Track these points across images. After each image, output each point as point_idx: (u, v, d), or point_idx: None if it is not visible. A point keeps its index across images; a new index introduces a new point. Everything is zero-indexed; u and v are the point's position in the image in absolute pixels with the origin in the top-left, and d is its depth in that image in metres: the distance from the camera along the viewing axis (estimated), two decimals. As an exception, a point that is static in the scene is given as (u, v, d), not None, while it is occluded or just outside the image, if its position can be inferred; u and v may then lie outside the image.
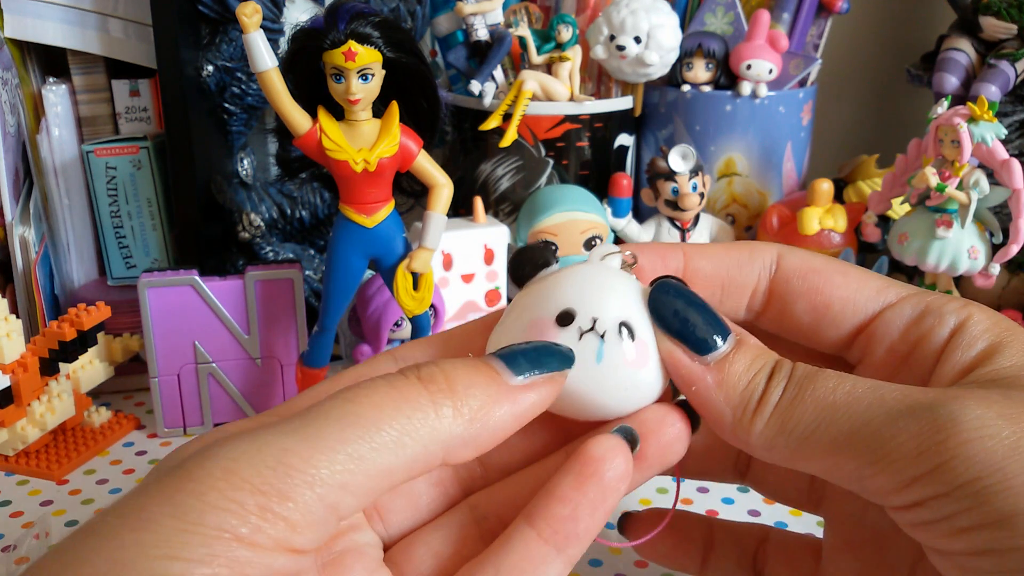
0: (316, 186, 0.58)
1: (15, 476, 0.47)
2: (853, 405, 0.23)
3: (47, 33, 0.54)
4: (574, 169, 0.64)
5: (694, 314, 0.25)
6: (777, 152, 0.67)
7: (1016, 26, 0.63)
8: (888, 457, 0.22)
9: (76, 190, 0.56)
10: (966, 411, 0.22)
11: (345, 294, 0.46)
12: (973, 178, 0.54)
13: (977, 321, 0.26)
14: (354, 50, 0.40)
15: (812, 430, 0.23)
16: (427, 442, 0.21)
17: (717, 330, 0.25)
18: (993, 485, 0.21)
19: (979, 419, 0.21)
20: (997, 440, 0.21)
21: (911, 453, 0.22)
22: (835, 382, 0.24)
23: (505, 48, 0.62)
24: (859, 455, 0.23)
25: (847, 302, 0.28)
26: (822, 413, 0.23)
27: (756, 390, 0.24)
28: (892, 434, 0.22)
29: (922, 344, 0.27)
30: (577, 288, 0.26)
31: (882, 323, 0.27)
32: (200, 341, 0.50)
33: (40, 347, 0.47)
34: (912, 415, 0.22)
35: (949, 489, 0.21)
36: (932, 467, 0.21)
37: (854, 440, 0.23)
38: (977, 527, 0.21)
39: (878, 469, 0.22)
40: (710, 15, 0.68)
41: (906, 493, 0.22)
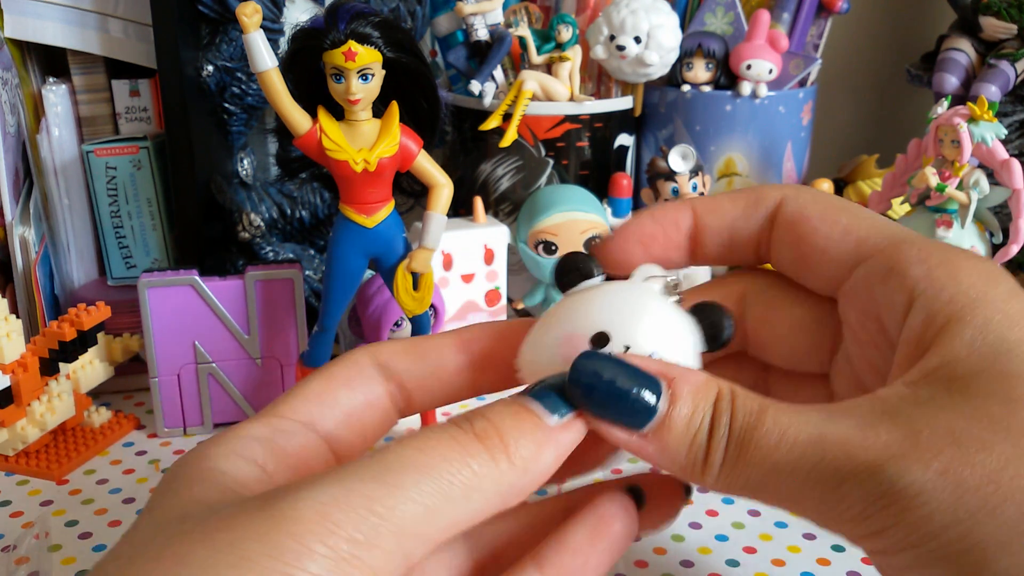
0: (316, 186, 0.58)
1: (15, 476, 0.47)
2: (798, 465, 0.23)
3: (47, 33, 0.54)
4: (574, 169, 0.64)
5: (616, 388, 0.24)
6: (777, 152, 0.67)
7: (1016, 26, 0.63)
8: (838, 518, 0.23)
9: (76, 190, 0.56)
10: (905, 476, 0.21)
11: (345, 294, 0.46)
12: (973, 178, 0.54)
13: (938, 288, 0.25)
14: (354, 50, 0.40)
15: (763, 486, 0.23)
16: (490, 494, 0.22)
17: (646, 394, 0.24)
18: (934, 551, 0.21)
19: (917, 484, 0.21)
20: (936, 504, 0.21)
21: (859, 516, 0.22)
22: (777, 436, 0.23)
23: (505, 48, 0.62)
24: (811, 510, 0.23)
25: (824, 255, 0.28)
26: (767, 473, 0.23)
27: (699, 450, 0.24)
28: (838, 499, 0.22)
29: (886, 310, 0.26)
30: (616, 310, 0.26)
31: (854, 281, 0.27)
32: (200, 341, 0.50)
33: (40, 347, 0.47)
34: (856, 480, 0.22)
35: (899, 549, 0.22)
36: (880, 529, 0.22)
37: (803, 499, 0.23)
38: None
39: (832, 525, 0.23)
40: (710, 15, 0.68)
41: (866, 543, 0.23)
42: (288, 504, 0.20)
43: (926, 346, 0.24)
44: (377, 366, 0.28)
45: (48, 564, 0.39)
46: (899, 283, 0.26)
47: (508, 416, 0.23)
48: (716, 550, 0.41)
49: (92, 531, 0.42)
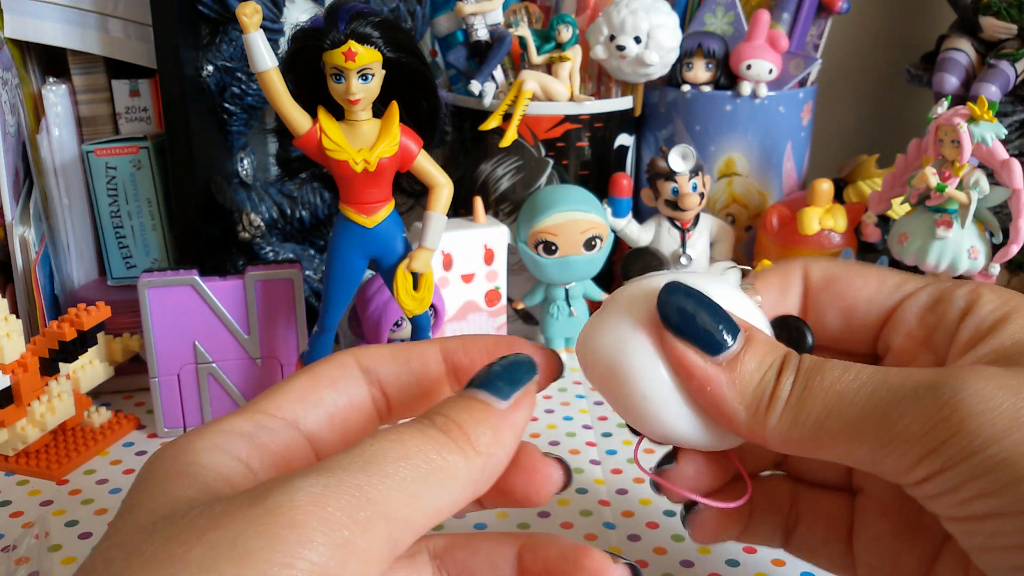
0: (316, 186, 0.58)
1: (15, 476, 0.47)
2: (860, 391, 0.24)
3: (47, 33, 0.54)
4: (574, 169, 0.64)
5: (703, 315, 0.26)
6: (777, 152, 0.67)
7: (1016, 26, 0.63)
8: (897, 438, 0.23)
9: (76, 190, 0.56)
10: (967, 387, 0.23)
11: (345, 294, 0.46)
12: (973, 178, 0.54)
13: (987, 300, 0.27)
14: (354, 50, 0.40)
15: (823, 420, 0.24)
16: (463, 482, 0.23)
17: (726, 329, 0.26)
18: (995, 455, 0.22)
19: (979, 393, 0.23)
20: (998, 412, 0.22)
21: (917, 432, 0.23)
22: (841, 371, 0.25)
23: (505, 48, 0.62)
24: (870, 439, 0.24)
25: (871, 301, 0.30)
26: (831, 402, 0.24)
27: (767, 387, 0.25)
28: (898, 416, 0.23)
29: (938, 328, 0.28)
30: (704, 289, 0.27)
31: (901, 312, 0.29)
32: (200, 341, 0.50)
33: (40, 347, 0.47)
34: (916, 395, 0.23)
35: (955, 463, 0.23)
36: (938, 444, 0.23)
37: (864, 425, 0.24)
38: (982, 495, 0.22)
39: (889, 451, 0.23)
40: (710, 15, 0.68)
41: (917, 470, 0.23)
42: (284, 496, 0.20)
43: (976, 343, 0.26)
44: (361, 369, 0.28)
45: (48, 564, 0.39)
46: (949, 304, 0.28)
47: (462, 409, 0.24)
48: (716, 550, 0.41)
49: (92, 531, 0.42)
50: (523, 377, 0.25)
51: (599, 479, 0.47)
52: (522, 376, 0.25)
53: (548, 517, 0.43)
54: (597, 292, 0.62)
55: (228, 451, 0.24)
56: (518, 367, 0.26)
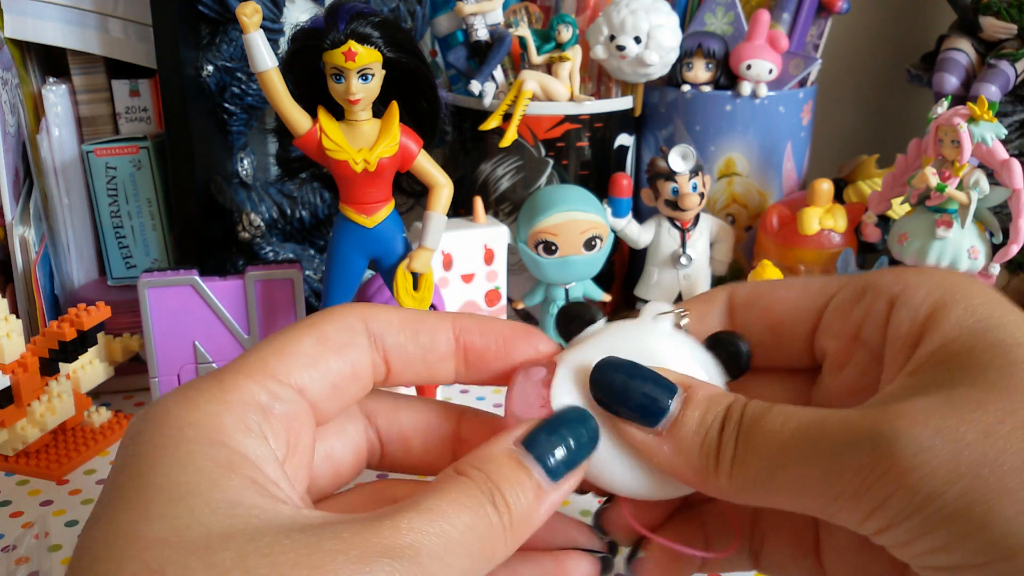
0: (316, 186, 0.58)
1: (15, 476, 0.47)
2: (800, 444, 0.23)
3: (47, 33, 0.54)
4: (574, 169, 0.64)
5: (634, 388, 0.25)
6: (777, 152, 0.67)
7: (1016, 26, 0.63)
8: (842, 495, 0.22)
9: (76, 190, 0.56)
10: (901, 436, 0.21)
11: (345, 294, 0.46)
12: (973, 178, 0.54)
13: (916, 286, 0.26)
14: (354, 50, 0.40)
15: (769, 476, 0.23)
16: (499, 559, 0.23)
17: (660, 396, 0.25)
18: (940, 509, 0.21)
19: (915, 443, 0.21)
20: (937, 463, 0.21)
21: (859, 489, 0.22)
22: (781, 421, 0.24)
23: (505, 48, 0.62)
24: (818, 492, 0.23)
25: (796, 310, 0.29)
26: (773, 457, 0.23)
27: (711, 447, 0.24)
28: (839, 471, 0.22)
29: (867, 322, 0.27)
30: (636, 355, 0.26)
31: (827, 314, 0.28)
32: (200, 341, 0.50)
33: (40, 347, 0.47)
34: (853, 447, 0.22)
35: (901, 520, 0.22)
36: (881, 501, 0.22)
37: (808, 480, 0.23)
38: (935, 551, 0.22)
39: (838, 505, 0.23)
40: (710, 15, 0.68)
41: (867, 524, 0.22)
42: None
43: (916, 338, 0.25)
44: (368, 334, 0.27)
45: (48, 564, 0.39)
46: (875, 295, 0.26)
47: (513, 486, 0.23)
48: (716, 550, 0.40)
49: (92, 531, 0.42)
50: (582, 455, 0.25)
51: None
52: (582, 454, 0.25)
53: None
54: (597, 292, 0.62)
55: (255, 431, 0.23)
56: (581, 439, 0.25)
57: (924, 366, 0.24)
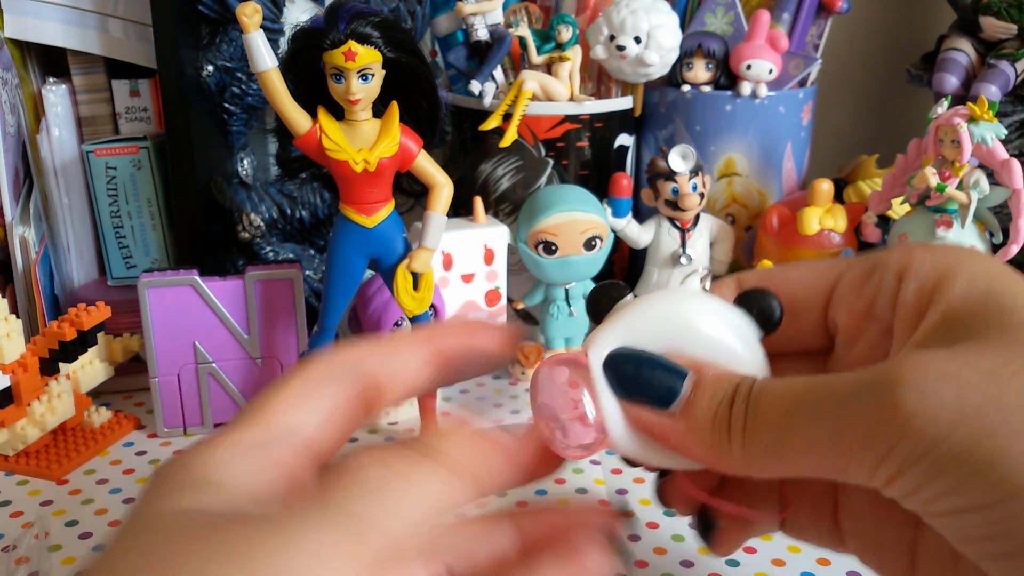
0: (316, 186, 0.58)
1: (15, 476, 0.47)
2: (805, 406, 0.24)
3: (47, 33, 0.54)
4: (574, 169, 0.64)
5: (645, 373, 0.26)
6: (777, 152, 0.67)
7: (1016, 26, 0.63)
8: (850, 448, 0.23)
9: (76, 190, 0.56)
10: (905, 384, 0.22)
11: (345, 294, 0.46)
12: (973, 178, 0.54)
13: (921, 259, 0.26)
14: (354, 50, 0.40)
15: (779, 443, 0.24)
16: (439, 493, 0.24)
17: (671, 380, 0.26)
18: (946, 454, 0.21)
19: (918, 389, 0.22)
20: (940, 408, 0.21)
21: (866, 440, 0.22)
22: (785, 387, 0.24)
23: (505, 48, 0.62)
24: (826, 452, 0.23)
25: (807, 288, 0.29)
26: (781, 423, 0.24)
27: (722, 423, 0.25)
28: (845, 424, 0.23)
29: (877, 297, 0.27)
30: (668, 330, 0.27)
31: (838, 290, 0.29)
32: (200, 341, 0.50)
33: (40, 347, 0.47)
34: (858, 400, 0.23)
35: (908, 466, 0.22)
36: (888, 449, 0.22)
37: (817, 440, 0.23)
38: (943, 495, 0.22)
39: (846, 460, 0.23)
40: (710, 15, 0.68)
41: (877, 475, 0.23)
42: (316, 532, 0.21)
43: (923, 309, 0.26)
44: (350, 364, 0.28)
45: (48, 564, 0.39)
46: (883, 271, 0.27)
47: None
48: (716, 550, 0.41)
49: (92, 531, 0.42)
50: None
51: (599, 479, 0.47)
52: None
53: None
54: (597, 292, 0.61)
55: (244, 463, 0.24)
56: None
57: (930, 335, 0.25)
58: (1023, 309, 0.24)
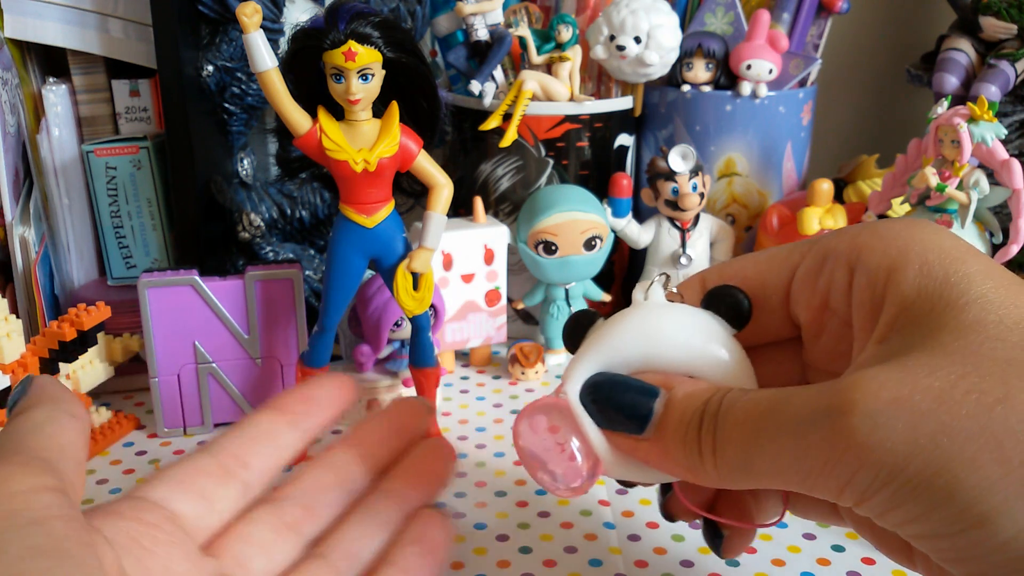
0: (316, 186, 0.58)
1: (15, 476, 0.47)
2: (768, 426, 0.23)
3: (47, 33, 0.54)
4: (574, 169, 0.64)
5: (618, 397, 0.26)
6: (777, 152, 0.67)
7: (1016, 26, 0.63)
8: (812, 473, 0.22)
9: (76, 190, 0.56)
10: (856, 410, 0.21)
11: (345, 294, 0.46)
12: (973, 178, 0.54)
13: (869, 249, 0.26)
14: (354, 50, 0.40)
15: (749, 460, 0.24)
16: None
17: (642, 404, 0.26)
18: (904, 485, 0.21)
19: (871, 419, 0.21)
20: (894, 438, 0.21)
21: (827, 466, 0.22)
22: (749, 407, 0.24)
23: (505, 48, 0.62)
24: (792, 472, 0.23)
25: (766, 285, 0.29)
26: (749, 443, 0.24)
27: (692, 443, 0.25)
28: (805, 450, 0.22)
29: (831, 291, 0.27)
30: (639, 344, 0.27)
31: (794, 286, 0.28)
32: (200, 341, 0.50)
33: (40, 347, 0.47)
34: (813, 426, 0.22)
35: (870, 496, 0.22)
36: (847, 479, 0.22)
37: (782, 461, 0.23)
38: (907, 522, 0.22)
39: (812, 482, 0.23)
40: (710, 15, 0.68)
41: (842, 499, 0.23)
42: None
43: (879, 302, 0.25)
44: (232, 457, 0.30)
45: (48, 564, 0.39)
46: (834, 263, 0.27)
47: None
48: (716, 550, 0.41)
49: (92, 531, 0.42)
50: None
51: (599, 479, 0.47)
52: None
53: (548, 517, 0.43)
54: (597, 292, 0.62)
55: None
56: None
57: (889, 332, 0.24)
58: (976, 302, 0.23)
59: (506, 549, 0.40)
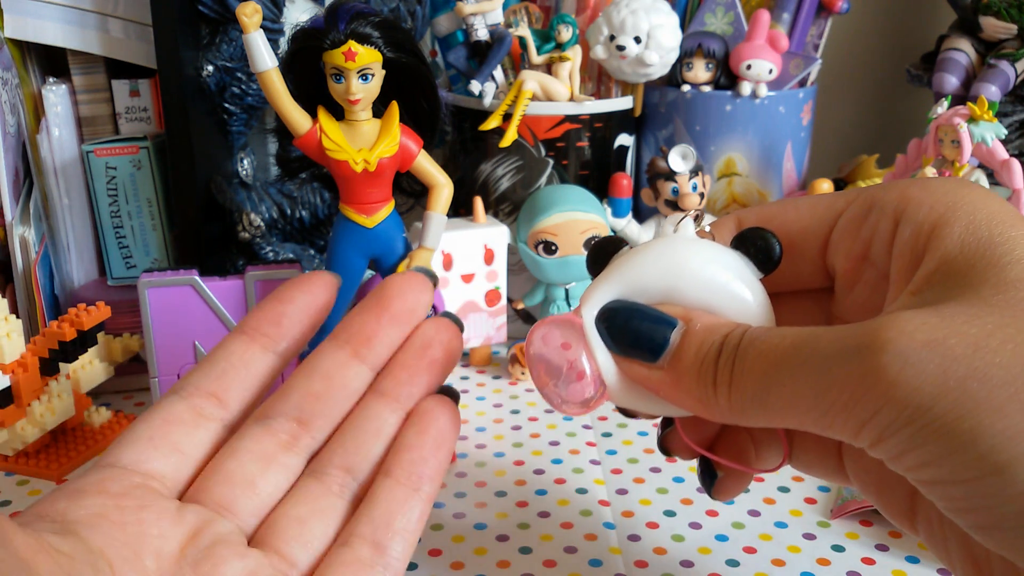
0: (316, 186, 0.58)
1: (15, 476, 0.47)
2: (792, 360, 0.23)
3: (47, 33, 0.54)
4: (574, 169, 0.64)
5: (635, 325, 0.26)
6: (777, 152, 0.67)
7: (1016, 26, 0.63)
8: (833, 408, 0.22)
9: (76, 190, 0.56)
10: (889, 349, 0.21)
11: (345, 294, 0.46)
12: (973, 178, 0.54)
13: (918, 201, 0.26)
14: (354, 50, 0.40)
15: (764, 396, 0.24)
16: None
17: (661, 330, 0.26)
18: (928, 425, 0.21)
19: (902, 356, 0.21)
20: (924, 377, 0.21)
21: (849, 403, 0.22)
22: (775, 340, 0.24)
23: (505, 48, 0.62)
24: (811, 408, 0.23)
25: (807, 230, 0.29)
26: (768, 375, 0.23)
27: (708, 372, 0.25)
28: (829, 385, 0.22)
29: (874, 240, 0.27)
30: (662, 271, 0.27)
31: (835, 233, 0.28)
32: (200, 341, 0.50)
33: (40, 347, 0.47)
34: (841, 361, 0.22)
35: (890, 434, 0.22)
36: (870, 415, 0.22)
37: (802, 396, 0.23)
38: (923, 465, 0.22)
39: (830, 419, 0.23)
40: (710, 15, 0.68)
41: (860, 438, 0.22)
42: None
43: (919, 256, 0.25)
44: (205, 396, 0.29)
45: (48, 564, 0.39)
46: (880, 213, 0.27)
47: None
48: (716, 550, 0.41)
49: (92, 531, 0.42)
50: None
51: (599, 479, 0.47)
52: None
53: (548, 517, 0.43)
54: (597, 292, 0.61)
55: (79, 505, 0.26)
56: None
57: (925, 284, 0.24)
58: (1019, 263, 0.23)
59: (506, 549, 0.41)
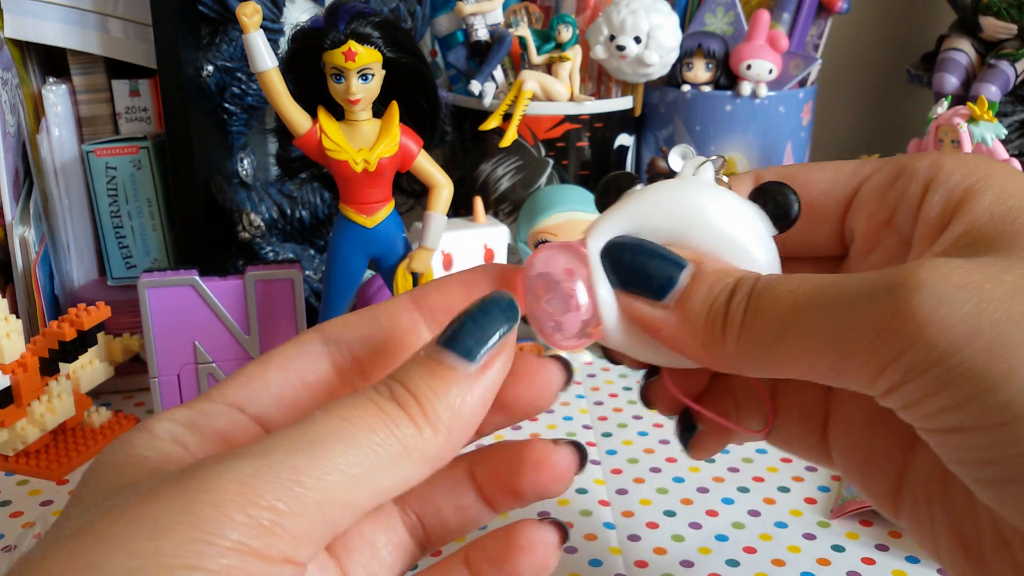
0: (316, 186, 0.58)
1: (15, 476, 0.47)
2: (813, 301, 0.22)
3: (47, 33, 0.54)
4: (574, 169, 0.64)
5: (642, 262, 0.25)
6: (777, 152, 0.67)
7: (1016, 26, 0.63)
8: (854, 348, 0.21)
9: (76, 190, 0.56)
10: (923, 288, 0.21)
11: (345, 294, 0.46)
12: (973, 178, 0.54)
13: (951, 169, 0.25)
14: (354, 50, 0.40)
15: (779, 337, 0.23)
16: (418, 460, 0.22)
17: (669, 269, 0.25)
18: (956, 367, 0.20)
19: (936, 296, 0.20)
20: (957, 318, 0.20)
21: (874, 342, 0.21)
22: (795, 282, 0.23)
23: (505, 48, 0.62)
24: (828, 351, 0.22)
25: (828, 192, 0.28)
26: (784, 317, 0.23)
27: (718, 315, 0.24)
28: (853, 323, 0.21)
29: (900, 206, 0.26)
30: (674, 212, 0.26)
31: (860, 195, 0.28)
32: (200, 341, 0.50)
33: (40, 347, 0.47)
34: (870, 299, 0.21)
35: (915, 375, 0.21)
36: (896, 354, 0.21)
37: (820, 337, 0.22)
38: (946, 410, 0.21)
39: (848, 362, 0.22)
40: (710, 15, 0.68)
41: (879, 382, 0.22)
42: (211, 475, 0.20)
43: (947, 220, 0.24)
44: (325, 341, 0.27)
45: (48, 564, 0.39)
46: (909, 179, 0.26)
47: (423, 377, 0.22)
48: (716, 550, 0.41)
49: (92, 531, 0.42)
50: (496, 329, 0.23)
51: (599, 479, 0.47)
52: (495, 328, 0.23)
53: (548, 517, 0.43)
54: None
55: (165, 438, 0.23)
56: (491, 317, 0.23)
57: (951, 248, 0.23)
58: None
59: (506, 549, 0.40)
